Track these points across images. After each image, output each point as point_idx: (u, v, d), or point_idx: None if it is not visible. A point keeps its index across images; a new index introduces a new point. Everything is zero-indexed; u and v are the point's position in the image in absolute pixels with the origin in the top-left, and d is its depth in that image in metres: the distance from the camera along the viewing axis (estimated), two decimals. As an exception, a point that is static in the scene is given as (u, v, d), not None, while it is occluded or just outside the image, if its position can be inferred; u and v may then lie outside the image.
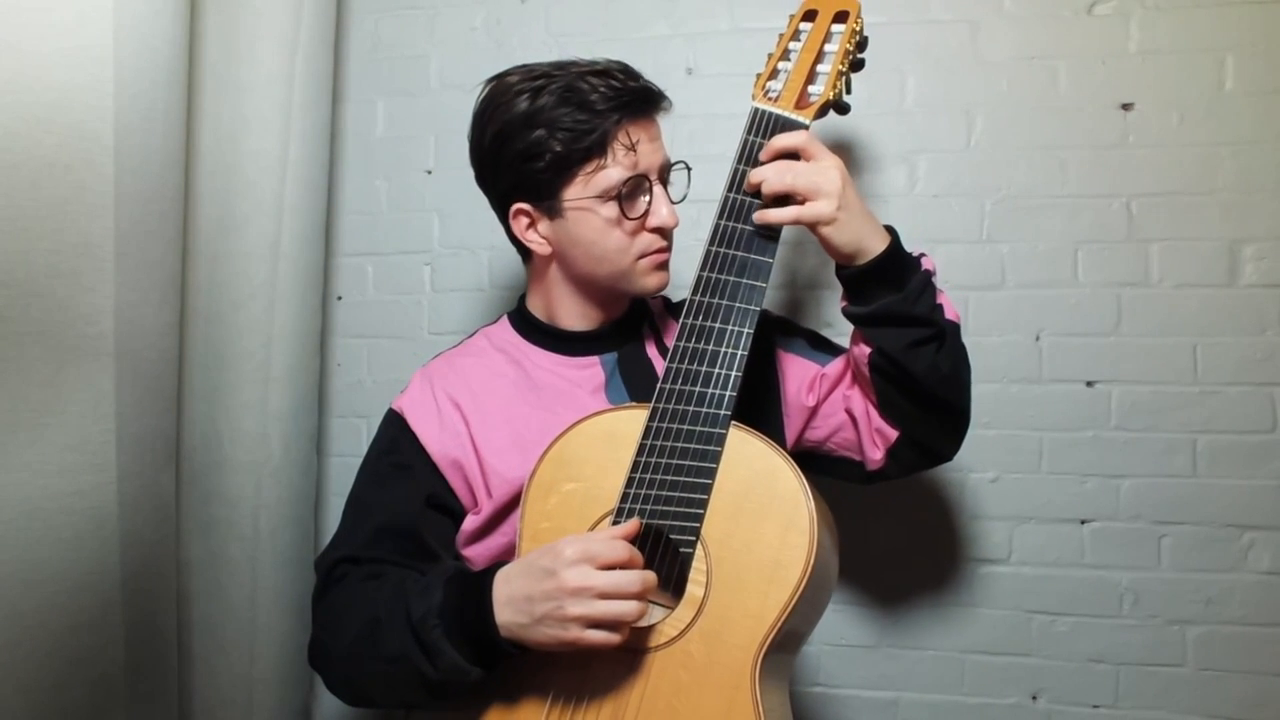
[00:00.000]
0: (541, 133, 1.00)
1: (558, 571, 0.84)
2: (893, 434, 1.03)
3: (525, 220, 1.06)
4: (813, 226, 0.94)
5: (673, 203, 1.07)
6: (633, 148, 1.01)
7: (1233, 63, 1.40)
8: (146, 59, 1.07)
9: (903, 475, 1.08)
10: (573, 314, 1.11)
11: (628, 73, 1.04)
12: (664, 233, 1.05)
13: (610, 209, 1.01)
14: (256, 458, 1.39)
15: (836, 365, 1.09)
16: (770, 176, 0.94)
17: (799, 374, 1.11)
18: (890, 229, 0.98)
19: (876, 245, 0.95)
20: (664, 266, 1.07)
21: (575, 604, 0.83)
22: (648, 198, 1.03)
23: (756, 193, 0.97)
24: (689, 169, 1.11)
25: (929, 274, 0.99)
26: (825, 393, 1.08)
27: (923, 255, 1.01)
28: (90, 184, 1.00)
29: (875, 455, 1.05)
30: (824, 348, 1.14)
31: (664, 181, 1.06)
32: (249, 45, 1.35)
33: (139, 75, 1.05)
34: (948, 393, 1.00)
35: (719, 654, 0.88)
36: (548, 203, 1.03)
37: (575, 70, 1.02)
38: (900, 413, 1.01)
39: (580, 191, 1.01)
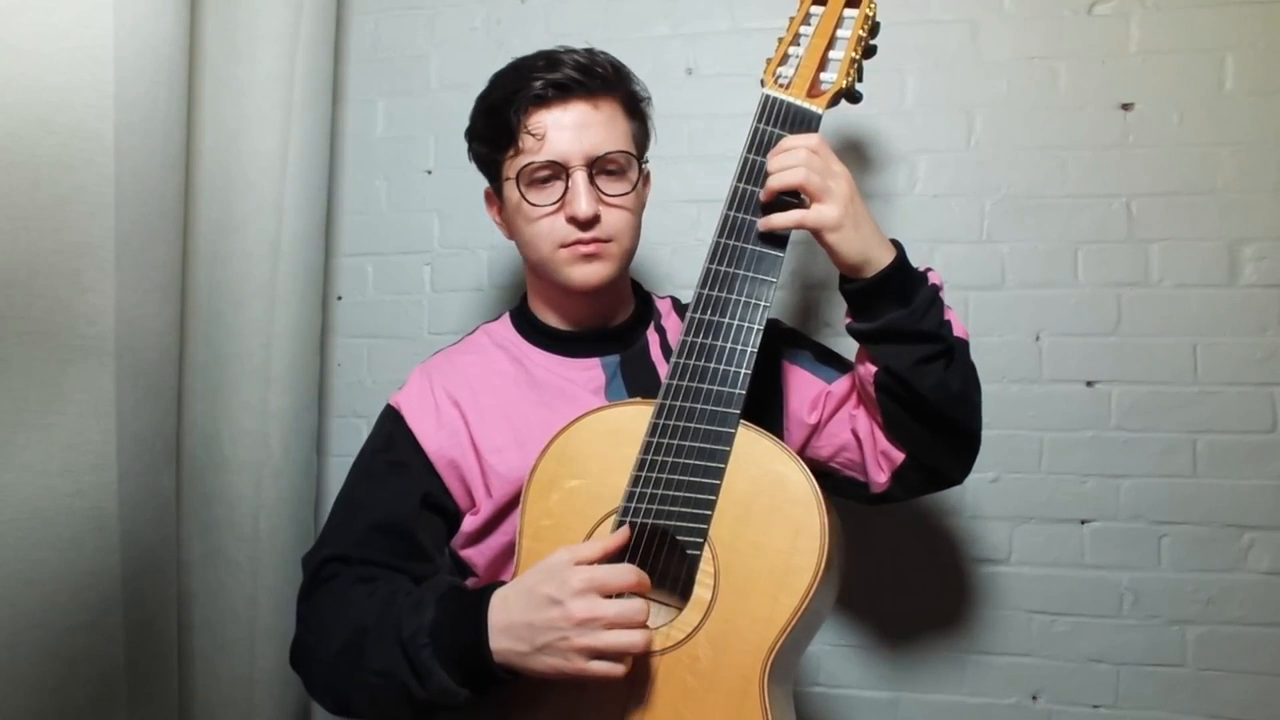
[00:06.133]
0: (479, 121, 1.08)
1: (564, 601, 0.81)
2: (899, 456, 0.99)
3: (495, 204, 1.12)
4: (818, 233, 0.91)
5: (610, 196, 1.02)
6: (535, 135, 1.00)
7: (1233, 63, 1.40)
8: (147, 59, 1.06)
9: (908, 498, 1.05)
10: (552, 312, 1.11)
11: (551, 62, 1.01)
12: (582, 224, 1.00)
13: (526, 193, 1.02)
14: (256, 458, 1.39)
15: (843, 384, 1.06)
16: (783, 166, 0.91)
17: (803, 389, 1.08)
18: (896, 243, 0.95)
19: (883, 258, 0.92)
20: (591, 260, 1.02)
21: (581, 635, 0.80)
22: (564, 185, 1.01)
23: (762, 183, 0.94)
24: (642, 163, 1.06)
25: (936, 289, 0.96)
26: (830, 411, 1.05)
27: (929, 270, 0.98)
28: (90, 184, 1.00)
29: (880, 478, 1.02)
30: (831, 362, 1.11)
31: (595, 170, 1.01)
32: (249, 45, 1.34)
33: (139, 75, 1.05)
34: (956, 412, 0.96)
35: (727, 658, 0.86)
36: (496, 185, 1.09)
37: (525, 61, 1.05)
38: (908, 434, 0.97)
39: (507, 175, 1.04)
